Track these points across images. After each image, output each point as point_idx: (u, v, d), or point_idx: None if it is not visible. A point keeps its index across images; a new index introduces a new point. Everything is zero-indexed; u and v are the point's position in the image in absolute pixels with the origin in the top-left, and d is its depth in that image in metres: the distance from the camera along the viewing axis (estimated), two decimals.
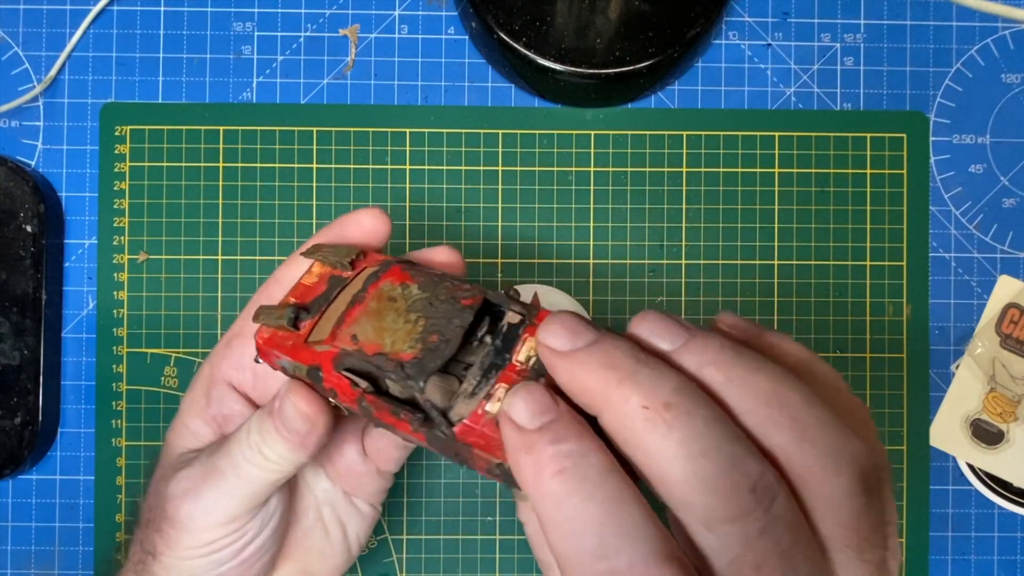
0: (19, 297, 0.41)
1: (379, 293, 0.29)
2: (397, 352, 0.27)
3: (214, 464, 0.30)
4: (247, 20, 0.43)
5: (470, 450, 0.24)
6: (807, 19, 0.44)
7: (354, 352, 0.27)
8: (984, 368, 0.43)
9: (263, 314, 0.30)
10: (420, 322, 0.27)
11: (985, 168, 0.44)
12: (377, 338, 0.27)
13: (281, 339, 0.29)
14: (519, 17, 0.41)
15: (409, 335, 0.27)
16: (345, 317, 0.29)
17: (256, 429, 0.30)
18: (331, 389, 0.28)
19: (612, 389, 0.20)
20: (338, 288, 0.30)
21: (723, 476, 0.19)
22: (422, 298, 0.28)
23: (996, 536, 0.43)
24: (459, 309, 0.27)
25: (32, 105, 0.43)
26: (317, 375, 0.28)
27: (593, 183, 0.43)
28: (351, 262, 0.31)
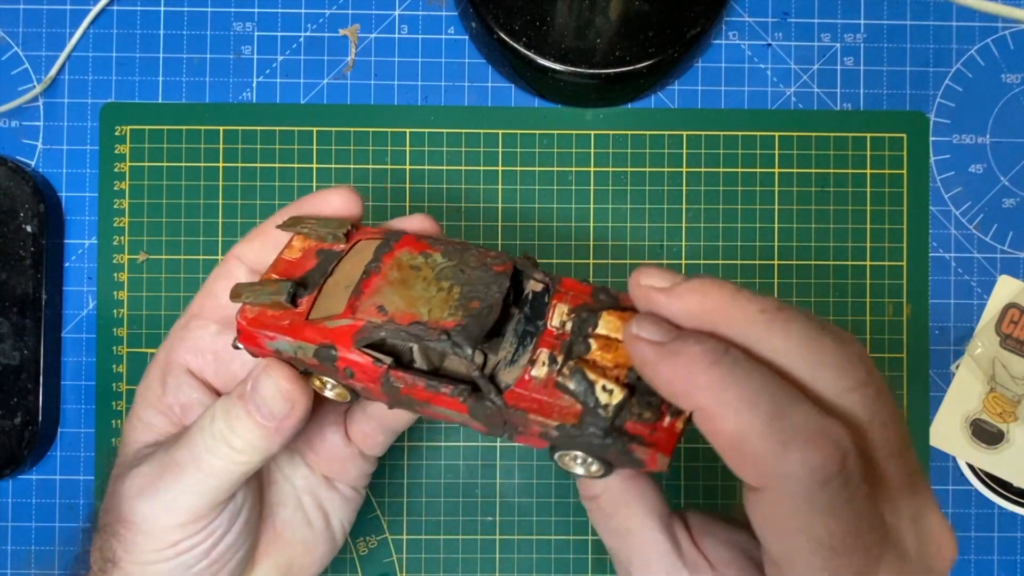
0: (19, 297, 0.41)
1: (397, 263, 0.27)
2: (437, 320, 0.25)
3: (172, 458, 0.28)
4: (247, 20, 0.43)
5: (524, 416, 0.24)
6: (807, 19, 0.44)
7: (385, 324, 0.25)
8: (984, 368, 0.43)
9: (246, 292, 0.27)
10: (455, 289, 0.26)
11: (985, 168, 0.44)
12: (409, 307, 0.26)
13: (273, 319, 0.27)
14: (519, 17, 0.41)
15: (446, 302, 0.26)
16: (362, 288, 0.27)
17: (222, 416, 0.28)
18: (346, 369, 0.26)
19: (728, 303, 0.22)
20: (333, 262, 0.28)
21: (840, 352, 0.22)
22: (450, 266, 0.27)
23: (996, 536, 0.43)
24: (494, 275, 0.27)
25: (32, 105, 0.43)
26: (329, 354, 0.26)
27: (593, 183, 0.43)
28: (346, 234, 0.29)
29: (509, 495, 0.43)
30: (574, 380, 0.24)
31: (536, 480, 0.43)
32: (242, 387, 0.28)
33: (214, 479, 0.28)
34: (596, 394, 0.24)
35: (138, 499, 0.28)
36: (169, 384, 0.31)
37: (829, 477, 0.20)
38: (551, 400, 0.24)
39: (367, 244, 0.29)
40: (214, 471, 0.28)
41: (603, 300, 0.27)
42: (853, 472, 0.21)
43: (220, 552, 0.29)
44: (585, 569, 0.43)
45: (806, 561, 0.21)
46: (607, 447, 0.24)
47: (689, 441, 0.43)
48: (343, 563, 0.42)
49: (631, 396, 0.24)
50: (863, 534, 0.21)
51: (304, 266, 0.28)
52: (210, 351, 0.31)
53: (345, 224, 0.29)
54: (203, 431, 0.28)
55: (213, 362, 0.31)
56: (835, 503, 0.21)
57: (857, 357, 0.22)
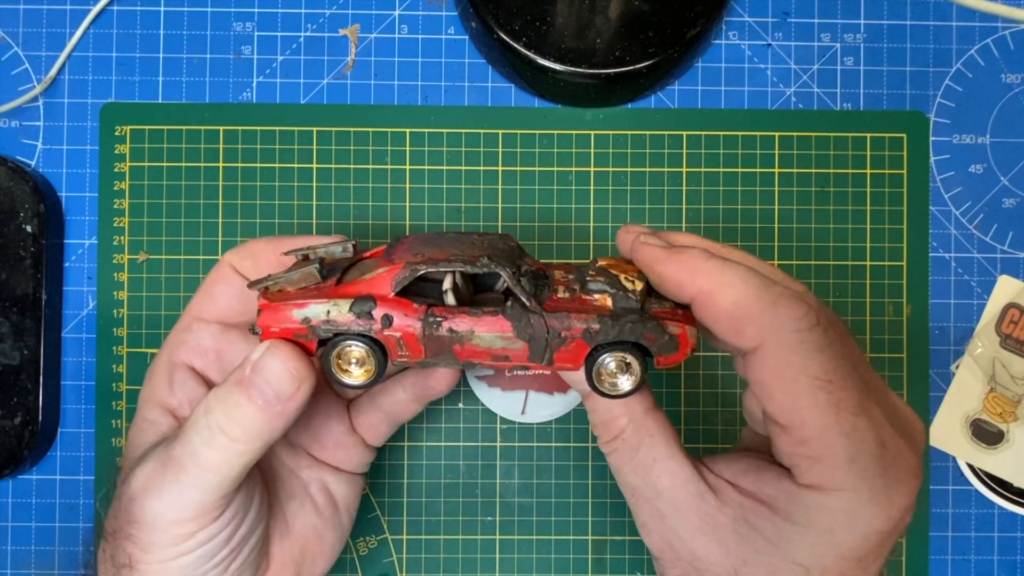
0: (19, 297, 0.41)
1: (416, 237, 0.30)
2: (470, 255, 0.28)
3: (171, 455, 0.28)
4: (247, 20, 0.43)
5: (567, 317, 0.27)
6: (807, 19, 0.44)
7: (423, 261, 0.27)
8: (984, 368, 0.43)
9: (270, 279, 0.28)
10: (477, 241, 0.29)
11: (985, 168, 0.44)
12: (442, 251, 0.28)
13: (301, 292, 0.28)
14: (519, 17, 0.41)
15: (475, 247, 0.29)
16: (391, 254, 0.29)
17: (218, 406, 0.27)
18: (384, 316, 0.27)
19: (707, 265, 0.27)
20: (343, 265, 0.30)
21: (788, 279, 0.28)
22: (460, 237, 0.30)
23: (996, 536, 0.43)
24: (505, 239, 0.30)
25: (32, 105, 0.43)
26: (367, 305, 0.27)
27: (593, 183, 0.43)
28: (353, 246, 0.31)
29: (509, 495, 0.43)
30: (600, 280, 0.29)
31: (536, 480, 0.43)
32: (239, 372, 0.28)
33: (214, 474, 0.27)
34: (623, 284, 0.29)
35: (144, 497, 0.28)
36: (176, 383, 0.31)
37: (812, 323, 0.25)
38: (583, 305, 0.28)
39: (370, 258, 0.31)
40: (213, 465, 0.27)
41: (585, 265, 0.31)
42: (830, 322, 0.26)
43: (238, 539, 0.29)
44: (585, 569, 0.43)
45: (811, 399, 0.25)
46: (645, 326, 0.28)
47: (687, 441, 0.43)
48: (343, 563, 0.42)
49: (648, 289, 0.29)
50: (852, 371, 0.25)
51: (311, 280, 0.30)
52: (213, 351, 0.32)
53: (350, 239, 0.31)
54: (197, 425, 0.28)
55: (216, 361, 0.32)
56: (822, 343, 0.25)
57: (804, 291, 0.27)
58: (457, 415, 0.43)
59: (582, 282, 0.29)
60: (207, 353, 0.32)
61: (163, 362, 0.32)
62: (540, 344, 0.28)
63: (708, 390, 0.43)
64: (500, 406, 0.42)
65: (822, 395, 0.25)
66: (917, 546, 0.43)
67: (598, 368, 0.28)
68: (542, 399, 0.42)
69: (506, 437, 0.43)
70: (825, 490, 0.25)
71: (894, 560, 0.43)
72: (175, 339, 0.32)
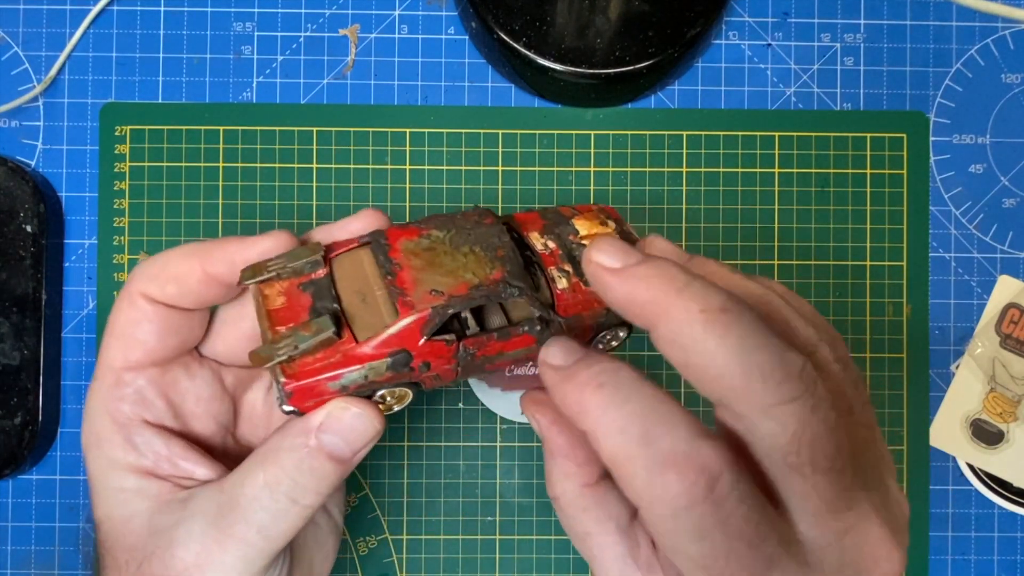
0: (19, 297, 0.41)
1: (410, 252, 0.28)
2: (487, 277, 0.27)
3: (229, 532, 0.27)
4: (247, 20, 0.43)
5: (580, 318, 0.28)
6: (807, 19, 0.44)
7: (449, 301, 0.26)
8: (984, 368, 0.43)
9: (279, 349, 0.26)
10: (476, 249, 0.28)
11: (985, 168, 0.44)
12: (456, 279, 0.27)
13: (322, 360, 0.26)
14: (519, 17, 0.41)
15: (480, 262, 0.28)
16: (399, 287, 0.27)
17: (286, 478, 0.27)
18: (421, 364, 0.26)
19: (672, 299, 0.22)
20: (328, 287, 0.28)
21: (777, 365, 0.21)
22: (452, 235, 0.28)
23: (996, 536, 0.43)
24: (490, 227, 0.29)
25: (32, 105, 0.43)
26: (404, 357, 0.26)
27: (593, 183, 0.43)
28: (324, 257, 0.28)
29: (509, 495, 0.43)
30: None
31: (536, 480, 0.43)
32: (303, 438, 0.27)
33: (283, 540, 0.27)
34: None
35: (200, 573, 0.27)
36: (138, 444, 0.29)
37: (693, 502, 0.21)
38: (586, 297, 0.28)
39: (347, 256, 0.29)
40: (283, 533, 0.27)
41: (552, 216, 0.31)
42: (726, 495, 0.21)
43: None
44: (585, 569, 0.43)
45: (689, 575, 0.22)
46: None
47: None
48: (343, 563, 0.42)
49: None
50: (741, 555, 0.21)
51: (303, 304, 0.27)
52: (160, 399, 0.30)
53: (318, 248, 0.28)
54: (259, 500, 0.27)
55: (168, 409, 0.30)
56: (704, 526, 0.21)
57: (796, 370, 0.21)
58: (457, 415, 0.43)
59: (571, 260, 0.29)
60: (151, 404, 0.29)
61: (105, 423, 0.29)
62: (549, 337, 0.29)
63: None
64: (500, 406, 0.42)
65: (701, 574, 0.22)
66: (917, 546, 0.43)
67: (596, 344, 0.30)
68: None
69: (506, 437, 0.43)
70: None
71: None
72: (106, 396, 0.29)
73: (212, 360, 0.32)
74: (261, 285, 0.28)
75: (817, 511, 0.22)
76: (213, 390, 0.32)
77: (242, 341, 0.32)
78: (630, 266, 0.23)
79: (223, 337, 0.32)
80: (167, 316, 0.29)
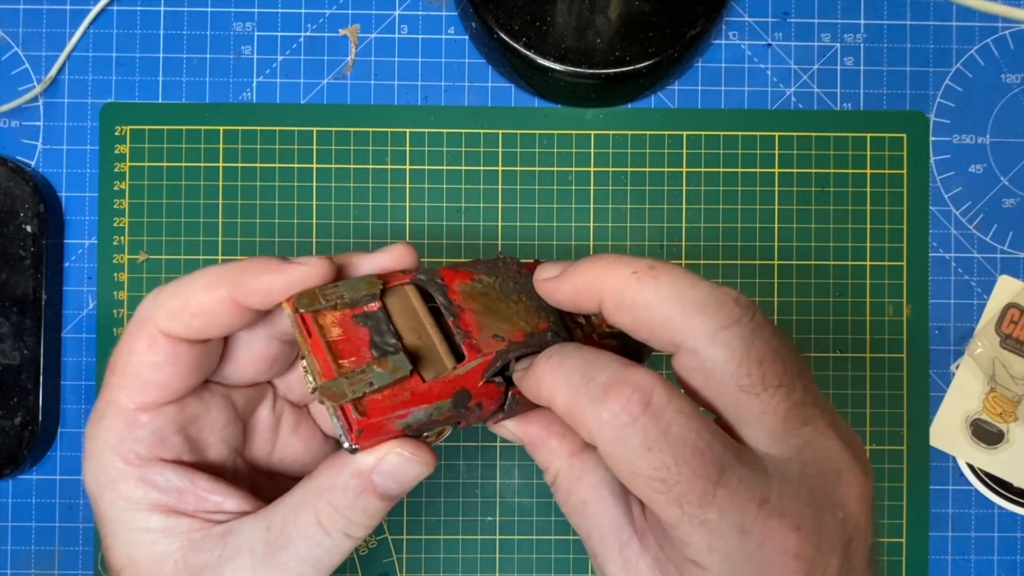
0: (19, 297, 0.41)
1: (468, 295, 0.28)
2: (536, 326, 0.28)
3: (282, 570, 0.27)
4: (247, 20, 0.43)
5: None
6: (807, 19, 0.44)
7: (509, 348, 0.27)
8: (984, 368, 0.43)
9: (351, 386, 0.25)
10: (522, 298, 0.29)
11: (985, 168, 0.44)
12: (513, 327, 0.28)
13: (391, 397, 0.26)
14: (519, 17, 0.41)
15: (528, 310, 0.29)
16: (464, 328, 0.27)
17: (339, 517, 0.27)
18: (477, 404, 0.27)
19: (606, 272, 0.25)
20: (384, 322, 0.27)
21: (711, 298, 0.24)
22: (499, 282, 0.30)
23: (996, 536, 0.43)
24: (528, 277, 0.30)
25: (32, 105, 0.43)
26: (465, 398, 0.27)
27: (593, 183, 0.43)
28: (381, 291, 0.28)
29: (509, 495, 0.43)
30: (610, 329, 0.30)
31: (536, 480, 0.43)
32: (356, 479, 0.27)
33: (330, 570, 0.28)
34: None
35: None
36: (159, 483, 0.28)
37: (633, 417, 0.23)
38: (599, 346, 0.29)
39: (399, 291, 0.29)
40: (334, 565, 0.28)
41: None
42: (663, 407, 0.23)
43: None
44: (585, 569, 0.43)
45: (652, 498, 0.23)
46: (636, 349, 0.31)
47: None
48: (343, 563, 0.42)
49: None
50: (689, 460, 0.23)
51: (360, 337, 0.27)
52: (177, 435, 0.28)
53: (377, 283, 0.28)
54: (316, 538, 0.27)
55: (184, 443, 0.29)
56: (648, 437, 0.23)
57: (731, 299, 0.24)
58: None
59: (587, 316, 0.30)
60: (170, 441, 0.28)
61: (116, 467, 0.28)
62: None
63: None
64: None
65: (660, 496, 0.23)
66: (917, 546, 0.43)
67: None
68: None
69: None
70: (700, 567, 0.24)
71: (894, 560, 0.43)
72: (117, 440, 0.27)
73: (221, 384, 0.31)
74: (315, 314, 0.27)
75: (773, 429, 0.24)
76: (227, 416, 0.30)
77: (255, 363, 0.31)
78: (566, 270, 0.27)
79: (235, 361, 0.30)
80: (189, 352, 0.28)
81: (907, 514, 0.43)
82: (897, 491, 0.43)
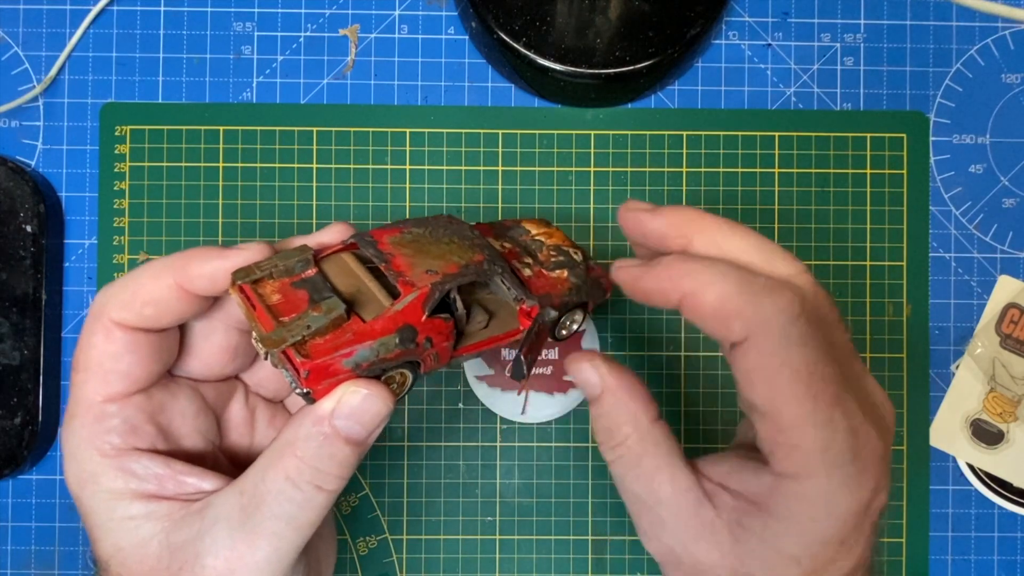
0: (19, 297, 0.41)
1: (397, 244, 0.30)
2: (471, 259, 0.30)
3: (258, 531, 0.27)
4: (247, 20, 0.43)
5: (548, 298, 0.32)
6: (807, 19, 0.44)
7: (444, 278, 0.29)
8: (984, 368, 0.43)
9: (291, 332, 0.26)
10: (455, 239, 0.31)
11: (985, 168, 0.44)
12: (447, 262, 0.29)
13: (334, 339, 0.27)
14: (519, 17, 0.41)
15: (461, 248, 0.31)
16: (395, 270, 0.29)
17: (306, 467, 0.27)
18: (426, 339, 0.28)
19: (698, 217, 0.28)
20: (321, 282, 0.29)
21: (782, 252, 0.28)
22: (430, 230, 0.32)
23: (996, 536, 0.43)
24: (461, 224, 0.33)
25: (32, 105, 0.43)
26: (411, 333, 0.28)
27: (593, 183, 0.43)
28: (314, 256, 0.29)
29: (509, 495, 0.43)
30: (557, 256, 0.34)
31: (536, 480, 0.43)
32: (319, 427, 0.27)
33: (310, 529, 0.28)
34: (572, 258, 0.34)
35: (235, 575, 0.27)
36: (136, 471, 0.28)
37: (796, 315, 0.25)
38: (549, 282, 0.32)
39: (332, 258, 0.30)
40: (311, 521, 0.27)
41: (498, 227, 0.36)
42: (811, 314, 0.26)
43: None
44: (585, 569, 0.43)
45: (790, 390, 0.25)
46: (588, 287, 0.33)
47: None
48: (343, 563, 0.42)
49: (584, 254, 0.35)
50: (832, 363, 0.26)
51: (300, 298, 0.28)
52: (148, 423, 0.29)
53: (308, 249, 0.29)
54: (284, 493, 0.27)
55: (159, 433, 0.30)
56: (805, 335, 0.25)
57: (793, 256, 0.28)
58: (457, 415, 0.43)
59: (530, 253, 0.34)
60: (141, 429, 0.29)
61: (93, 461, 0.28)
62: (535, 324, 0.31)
63: (708, 390, 0.43)
64: (500, 406, 0.42)
65: (801, 387, 0.25)
66: (917, 546, 0.43)
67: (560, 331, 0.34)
68: (542, 399, 0.42)
69: (506, 437, 0.43)
70: (800, 477, 0.26)
71: (894, 560, 0.43)
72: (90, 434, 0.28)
73: (187, 378, 0.32)
74: (254, 285, 0.28)
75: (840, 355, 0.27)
76: (196, 405, 0.32)
77: (216, 355, 0.32)
78: (659, 208, 0.29)
79: (196, 353, 0.31)
80: (146, 341, 0.29)
81: (907, 514, 0.43)
82: (897, 491, 0.43)
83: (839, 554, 0.26)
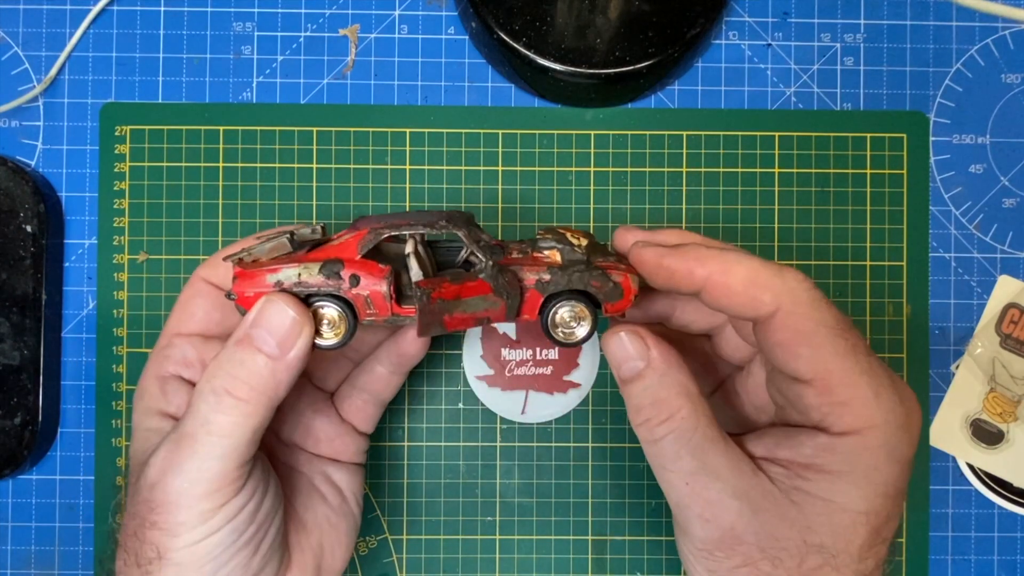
0: (19, 297, 0.41)
1: None
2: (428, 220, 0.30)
3: (182, 432, 0.29)
4: (247, 20, 0.43)
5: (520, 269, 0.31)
6: (807, 19, 0.44)
7: (387, 225, 0.30)
8: (984, 368, 0.43)
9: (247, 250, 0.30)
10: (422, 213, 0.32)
11: (985, 168, 0.44)
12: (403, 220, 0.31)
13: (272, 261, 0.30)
14: (519, 17, 0.41)
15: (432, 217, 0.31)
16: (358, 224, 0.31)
17: (220, 371, 0.29)
18: (352, 275, 0.29)
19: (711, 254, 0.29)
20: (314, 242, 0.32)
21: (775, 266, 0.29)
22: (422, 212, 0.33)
23: (996, 536, 0.43)
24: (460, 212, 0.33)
25: (32, 105, 0.43)
26: (335, 265, 0.29)
27: (593, 183, 0.43)
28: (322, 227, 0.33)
29: (509, 495, 0.43)
30: (549, 238, 0.32)
31: (536, 480, 0.43)
32: (239, 331, 0.29)
33: (228, 438, 0.28)
34: (569, 240, 0.32)
35: (166, 478, 0.28)
36: (168, 392, 0.33)
37: (813, 284, 0.28)
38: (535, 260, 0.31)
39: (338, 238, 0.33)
40: (226, 430, 0.28)
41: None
42: None
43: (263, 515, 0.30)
44: (585, 569, 0.43)
45: (832, 348, 0.27)
46: (591, 274, 0.31)
47: None
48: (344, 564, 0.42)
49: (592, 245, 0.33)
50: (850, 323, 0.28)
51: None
52: (197, 361, 0.33)
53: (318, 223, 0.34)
54: (203, 394, 0.29)
55: (201, 370, 0.33)
56: (825, 299, 0.28)
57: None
58: (457, 415, 0.43)
59: (533, 244, 0.33)
60: (192, 364, 0.33)
61: (150, 378, 0.33)
62: (515, 301, 0.30)
63: None
64: (500, 406, 0.42)
65: (840, 342, 0.27)
66: (917, 546, 0.43)
67: (552, 317, 0.31)
68: (542, 399, 0.42)
69: (506, 437, 0.43)
70: (861, 431, 0.27)
71: (895, 560, 0.43)
72: (158, 356, 0.33)
73: None
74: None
75: None
76: None
77: None
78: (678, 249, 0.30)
79: None
80: (217, 295, 0.34)
81: (907, 514, 0.43)
82: None
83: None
